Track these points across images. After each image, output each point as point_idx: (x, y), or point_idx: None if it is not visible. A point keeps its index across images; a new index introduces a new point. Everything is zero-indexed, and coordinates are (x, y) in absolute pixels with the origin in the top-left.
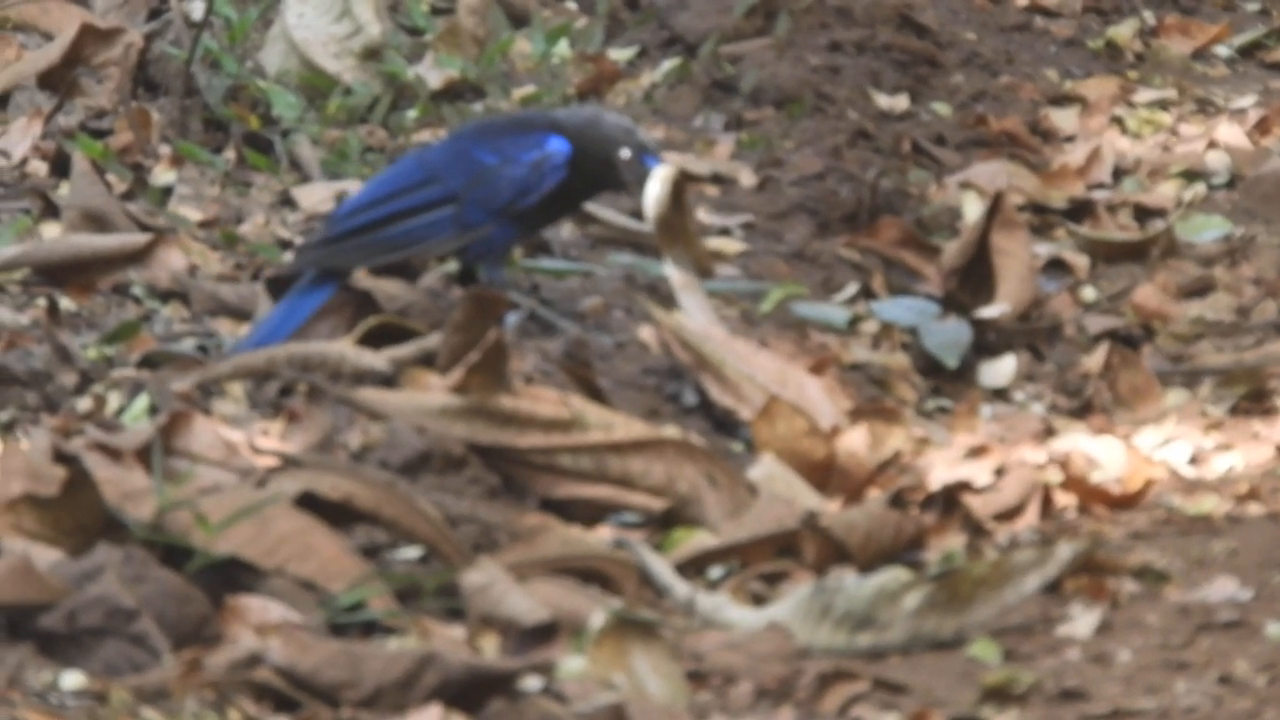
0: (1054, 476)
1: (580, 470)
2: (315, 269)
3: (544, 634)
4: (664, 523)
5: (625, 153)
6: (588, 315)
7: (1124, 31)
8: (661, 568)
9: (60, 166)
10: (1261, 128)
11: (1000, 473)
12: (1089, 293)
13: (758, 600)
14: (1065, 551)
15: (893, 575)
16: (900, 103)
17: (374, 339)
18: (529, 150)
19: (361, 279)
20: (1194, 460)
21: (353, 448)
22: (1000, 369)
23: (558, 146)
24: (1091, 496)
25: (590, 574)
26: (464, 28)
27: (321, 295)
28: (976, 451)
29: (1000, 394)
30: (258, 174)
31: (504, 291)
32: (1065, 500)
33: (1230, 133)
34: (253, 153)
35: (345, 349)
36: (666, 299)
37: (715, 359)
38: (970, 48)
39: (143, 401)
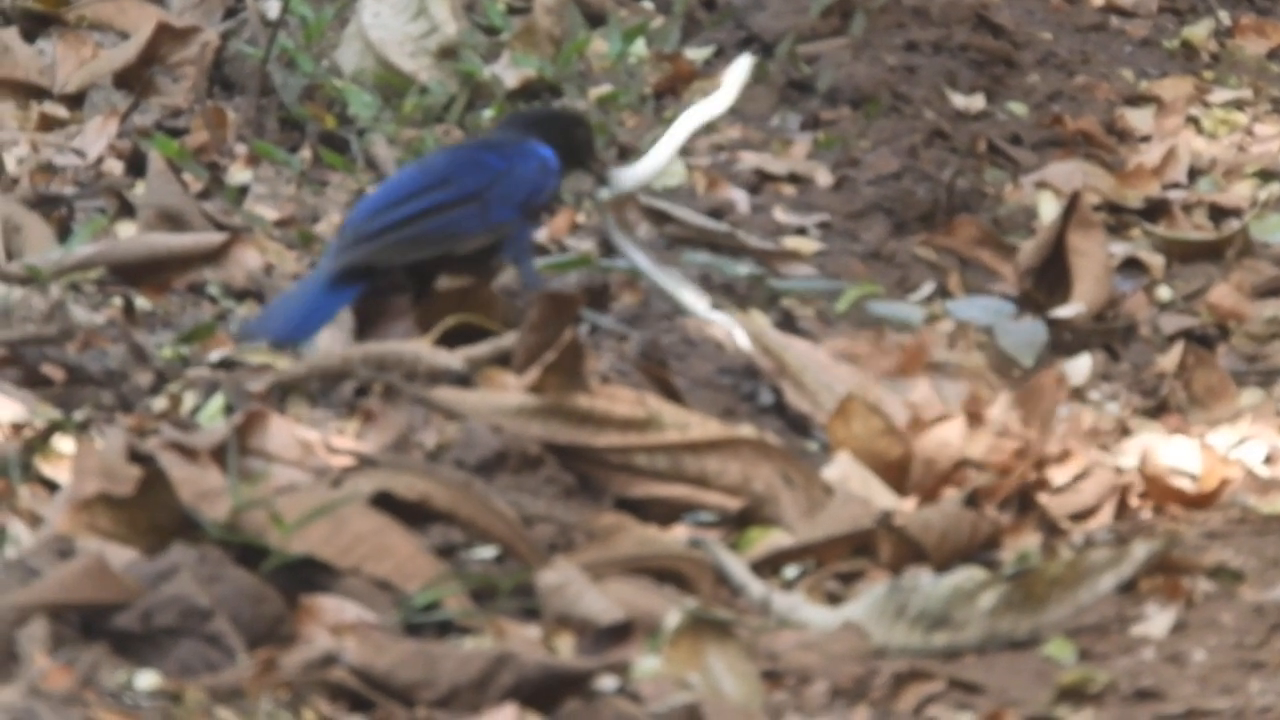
0: (1129, 476)
1: (656, 469)
2: (354, 264)
3: (619, 634)
4: (739, 522)
5: (583, 132)
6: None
7: (1199, 31)
8: (737, 567)
9: (136, 166)
10: None
11: (1076, 474)
12: (1164, 292)
13: (833, 599)
14: (1140, 551)
15: (968, 575)
16: (976, 102)
17: (449, 339)
18: (530, 157)
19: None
20: (1269, 460)
21: (428, 447)
22: (1076, 368)
23: (548, 152)
24: (1167, 496)
25: (665, 573)
26: (540, 27)
27: (350, 294)
28: (1058, 455)
29: (1076, 393)
30: (333, 173)
31: (542, 288)
32: (1140, 500)
33: None
34: (328, 152)
35: (421, 348)
36: (743, 298)
37: (796, 367)
38: (1046, 47)
39: (218, 401)
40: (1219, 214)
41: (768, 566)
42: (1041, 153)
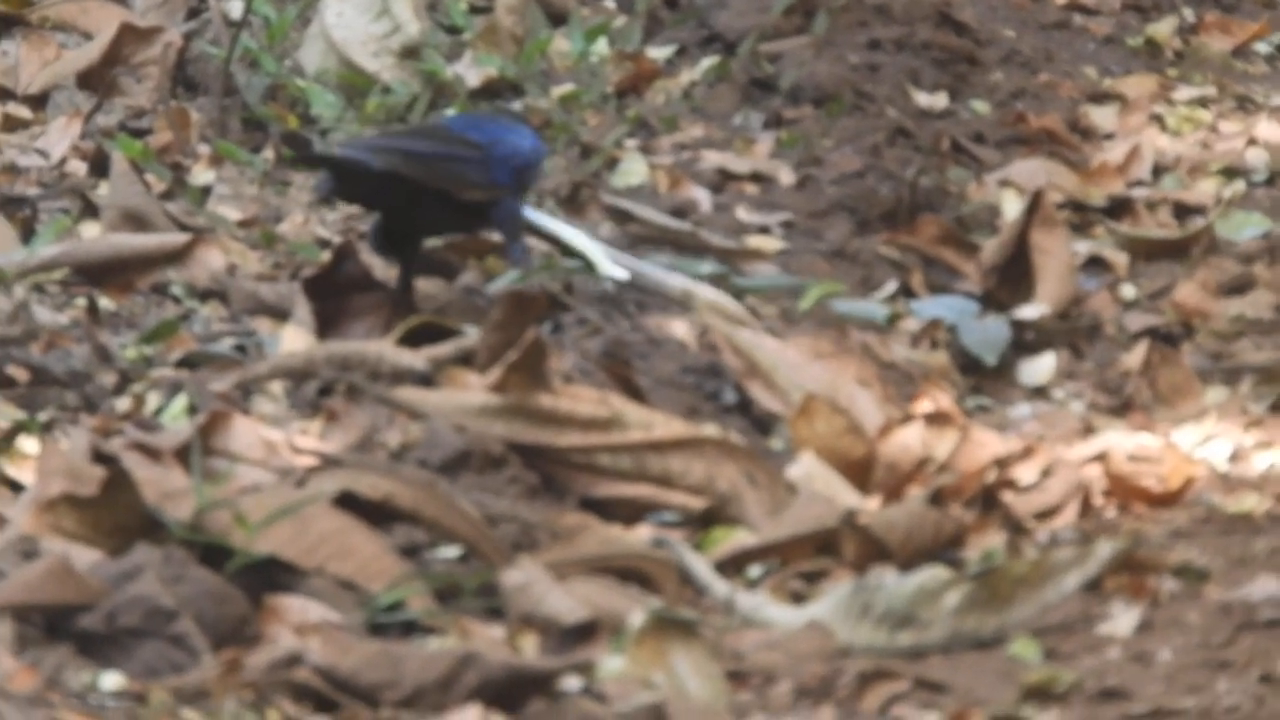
0: (1094, 475)
1: (620, 469)
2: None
3: (584, 633)
4: (703, 521)
5: None
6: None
7: (1163, 29)
8: (701, 567)
9: (99, 166)
10: None
11: (1041, 472)
12: (1129, 290)
13: (797, 599)
14: (1105, 550)
15: (933, 574)
16: (939, 100)
17: (412, 339)
18: (525, 134)
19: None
20: (1234, 458)
21: (392, 447)
22: (1040, 367)
23: (536, 137)
24: (1131, 495)
25: (630, 573)
26: (502, 26)
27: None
28: (1021, 452)
29: (1040, 392)
30: (297, 173)
31: (529, 265)
32: (1105, 498)
33: (1270, 130)
34: (291, 152)
35: (384, 348)
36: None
37: (766, 365)
38: (1009, 45)
39: (182, 401)
40: (1183, 212)
41: (732, 566)
42: (1005, 151)
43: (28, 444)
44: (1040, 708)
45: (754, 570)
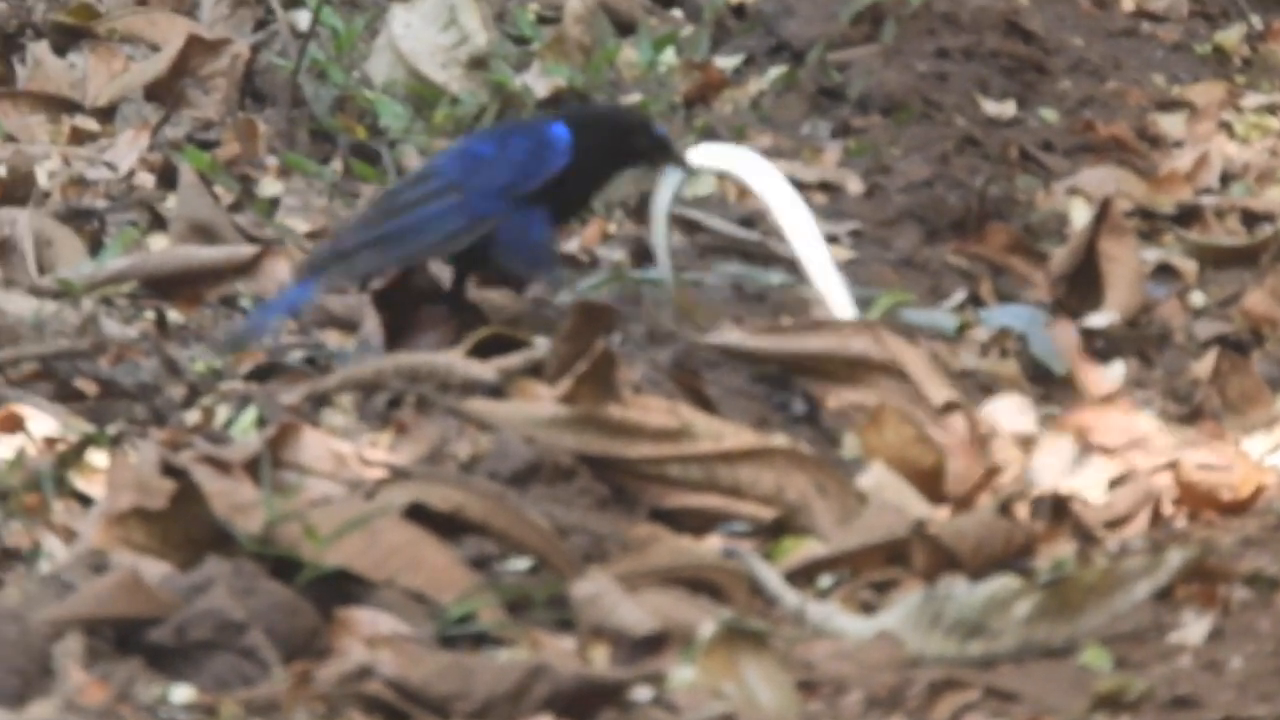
0: (1164, 483)
1: (689, 480)
2: (330, 286)
3: (654, 644)
4: (773, 531)
5: (634, 129)
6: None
7: (1231, 36)
8: (771, 577)
9: (167, 178)
10: None
11: (1112, 480)
12: (1198, 298)
13: (868, 609)
14: (1176, 558)
15: (1003, 583)
16: (1008, 109)
17: (482, 350)
18: (526, 137)
19: (472, 292)
20: None
21: (462, 459)
22: (1109, 375)
23: (557, 132)
24: (1202, 503)
25: (700, 584)
26: (570, 36)
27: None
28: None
29: (1109, 400)
30: (365, 184)
31: (558, 287)
32: (1175, 507)
33: None
34: (360, 163)
35: (454, 360)
36: (775, 306)
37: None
38: (1077, 53)
39: (251, 414)
40: (1252, 219)
41: (802, 576)
42: (1073, 159)
43: (97, 457)
44: (1111, 716)
45: (824, 580)
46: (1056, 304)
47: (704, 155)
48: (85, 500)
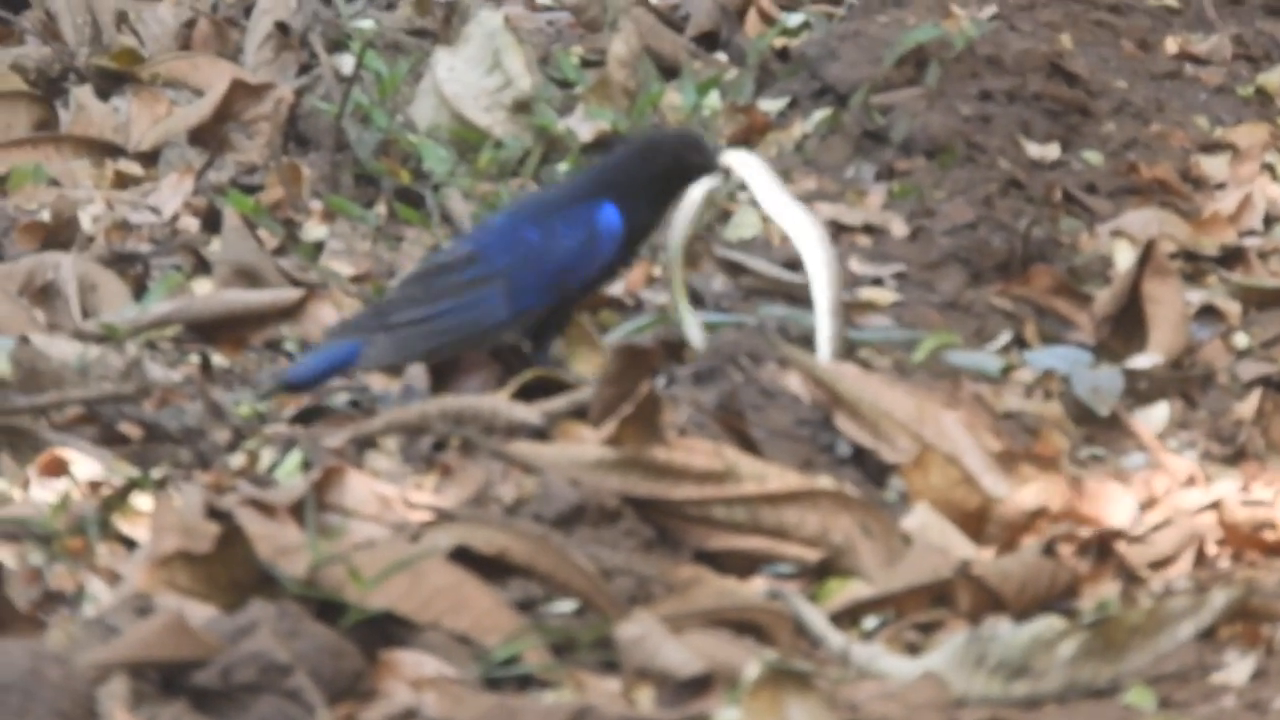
0: (1208, 524)
1: (734, 521)
2: (372, 362)
3: (699, 685)
4: (818, 573)
5: (682, 166)
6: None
7: (1274, 78)
8: (816, 618)
9: (212, 222)
10: None
11: (1157, 523)
12: (1241, 339)
13: (912, 650)
14: (1219, 598)
15: (1048, 623)
16: (1051, 151)
17: (526, 393)
18: (576, 226)
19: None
20: None
21: (506, 501)
22: (1153, 417)
23: (608, 219)
24: (1245, 543)
25: (745, 625)
26: (614, 80)
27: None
28: (1143, 503)
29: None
30: (409, 228)
31: (550, 366)
32: (1219, 547)
33: None
34: (404, 207)
35: (498, 403)
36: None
37: (851, 396)
38: (1121, 95)
39: (295, 457)
40: None
41: (847, 617)
42: (1117, 201)
43: (141, 501)
44: None
45: (869, 621)
46: (1101, 346)
47: (734, 160)
48: (130, 543)
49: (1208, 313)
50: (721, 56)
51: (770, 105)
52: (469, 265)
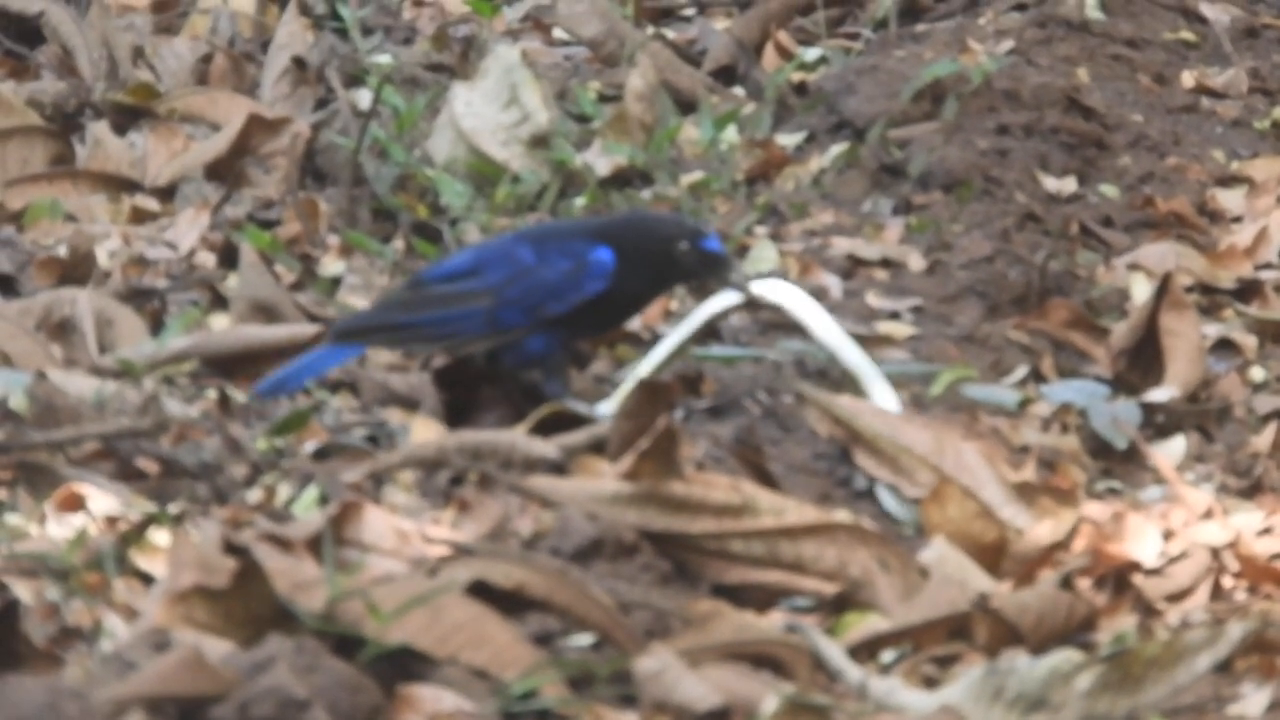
0: (1224, 556)
1: (752, 555)
2: (347, 345)
3: (717, 719)
4: (836, 607)
5: (683, 245)
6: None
7: None
8: (834, 652)
9: (228, 258)
10: None
11: (1175, 555)
12: (1257, 373)
13: (930, 683)
14: (1236, 631)
15: (1065, 656)
16: (1068, 185)
17: (544, 427)
18: (568, 256)
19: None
20: None
21: (524, 535)
22: (1170, 450)
23: (600, 256)
24: (1261, 576)
25: (763, 659)
26: (632, 114)
27: (346, 354)
28: (1163, 535)
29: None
30: (427, 263)
31: (563, 402)
32: (1235, 580)
33: None
34: (422, 241)
35: (516, 437)
36: (836, 383)
37: (869, 433)
38: (1137, 129)
39: (313, 492)
40: None
41: (865, 651)
42: (1134, 234)
43: (159, 536)
44: None
45: (887, 655)
46: (1117, 379)
47: (765, 288)
48: (147, 579)
49: (1224, 346)
50: (739, 91)
51: (788, 140)
52: (461, 278)
